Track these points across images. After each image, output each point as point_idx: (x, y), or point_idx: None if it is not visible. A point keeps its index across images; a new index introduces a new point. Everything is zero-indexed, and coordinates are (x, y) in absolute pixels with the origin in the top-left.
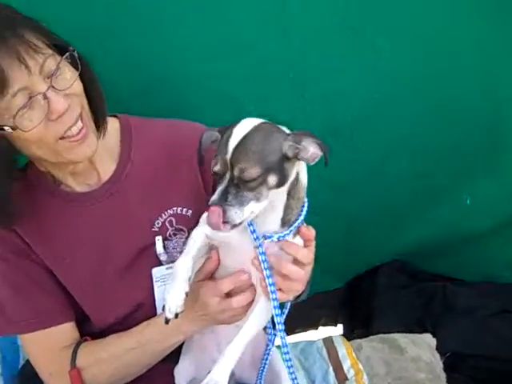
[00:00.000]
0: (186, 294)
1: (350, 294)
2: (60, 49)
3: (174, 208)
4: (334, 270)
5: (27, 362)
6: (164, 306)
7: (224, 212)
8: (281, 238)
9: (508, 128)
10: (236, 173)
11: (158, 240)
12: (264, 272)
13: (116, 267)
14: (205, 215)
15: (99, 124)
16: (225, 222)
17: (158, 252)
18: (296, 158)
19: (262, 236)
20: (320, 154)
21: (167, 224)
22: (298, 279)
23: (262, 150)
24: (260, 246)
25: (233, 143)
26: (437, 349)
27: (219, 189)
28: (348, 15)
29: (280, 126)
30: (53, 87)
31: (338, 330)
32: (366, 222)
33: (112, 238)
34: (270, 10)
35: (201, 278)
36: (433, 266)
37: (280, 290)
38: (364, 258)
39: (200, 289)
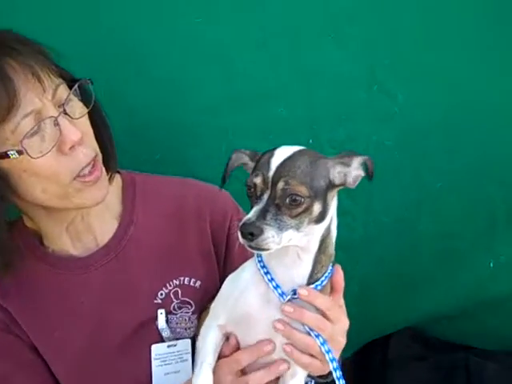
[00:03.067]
0: None
1: (358, 366)
2: (68, 80)
3: (181, 278)
4: None
5: None
6: None
7: (261, 231)
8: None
9: None
10: (280, 188)
11: (161, 313)
12: (296, 334)
13: (111, 343)
14: (213, 305)
15: (109, 171)
16: (253, 247)
17: (159, 327)
18: (343, 185)
19: (292, 291)
20: (362, 174)
21: (172, 296)
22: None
23: (311, 172)
24: (290, 301)
25: (276, 161)
26: None
27: (256, 207)
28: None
29: None
30: (65, 113)
31: None
32: (378, 286)
33: (108, 310)
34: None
35: None
36: (450, 334)
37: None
38: (375, 325)
39: None
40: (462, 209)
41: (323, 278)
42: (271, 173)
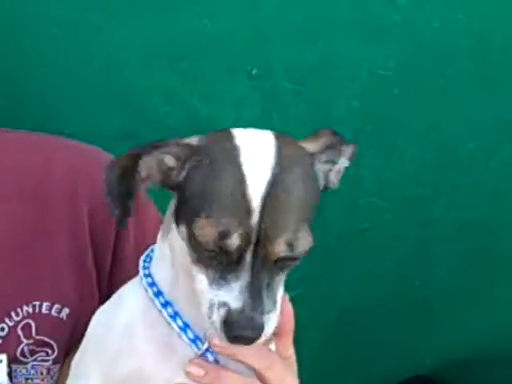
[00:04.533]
0: None
1: None
2: None
3: (36, 302)
4: None
5: None
6: None
7: (262, 327)
8: None
9: None
10: (281, 250)
11: (1, 361)
12: None
13: None
14: (77, 358)
15: None
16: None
17: None
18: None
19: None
20: (346, 165)
21: (20, 332)
22: None
23: (306, 200)
24: (207, 352)
25: (256, 191)
26: None
27: (238, 283)
28: None
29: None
30: None
31: None
32: (378, 319)
33: None
34: None
35: None
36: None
37: None
38: (370, 373)
39: None
40: (508, 183)
41: None
42: (255, 218)
